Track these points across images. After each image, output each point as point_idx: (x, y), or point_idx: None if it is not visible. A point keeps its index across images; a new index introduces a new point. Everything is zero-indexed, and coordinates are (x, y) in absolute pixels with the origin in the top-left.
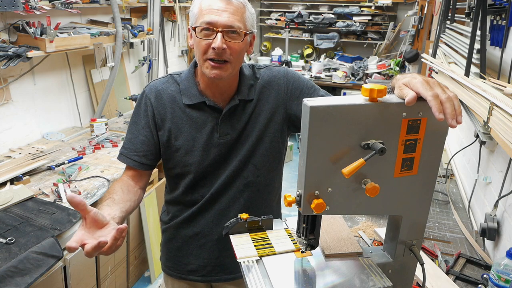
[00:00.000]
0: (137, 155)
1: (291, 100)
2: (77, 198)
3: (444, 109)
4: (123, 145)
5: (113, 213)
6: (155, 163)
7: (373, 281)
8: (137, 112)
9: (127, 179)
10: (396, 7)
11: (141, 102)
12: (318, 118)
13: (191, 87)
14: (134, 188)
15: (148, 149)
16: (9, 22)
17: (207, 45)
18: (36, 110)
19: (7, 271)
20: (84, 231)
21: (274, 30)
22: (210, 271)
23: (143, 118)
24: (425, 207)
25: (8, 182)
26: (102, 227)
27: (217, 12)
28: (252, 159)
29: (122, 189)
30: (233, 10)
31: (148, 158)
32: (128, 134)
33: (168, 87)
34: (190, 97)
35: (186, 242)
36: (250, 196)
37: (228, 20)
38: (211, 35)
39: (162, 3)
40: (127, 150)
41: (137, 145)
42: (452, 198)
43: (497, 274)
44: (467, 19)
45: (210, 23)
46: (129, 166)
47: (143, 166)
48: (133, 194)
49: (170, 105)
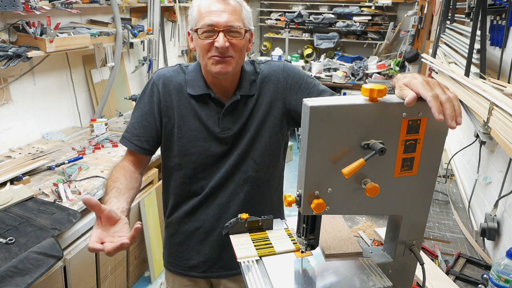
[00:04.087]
0: (139, 140)
1: (290, 94)
2: (93, 200)
3: (443, 109)
4: (126, 129)
5: (121, 206)
6: (154, 149)
7: (373, 281)
8: (142, 98)
9: (128, 165)
10: (396, 7)
11: (147, 88)
12: (318, 118)
13: (198, 78)
14: (135, 174)
15: (150, 134)
16: (9, 22)
17: (210, 44)
18: (36, 110)
19: (7, 271)
20: (100, 229)
21: (274, 30)
22: (210, 267)
23: (148, 104)
24: (425, 207)
25: (8, 182)
26: (115, 223)
27: (217, 13)
28: (251, 153)
29: (125, 176)
30: (231, 10)
31: (149, 143)
32: (132, 119)
33: (176, 75)
34: (195, 88)
35: (188, 237)
36: (250, 191)
37: (228, 20)
38: (212, 35)
39: (162, 3)
40: (129, 134)
41: (140, 130)
42: (452, 198)
43: (497, 274)
44: (467, 19)
45: (211, 25)
46: (130, 150)
47: (144, 151)
48: (134, 181)
49: (177, 94)
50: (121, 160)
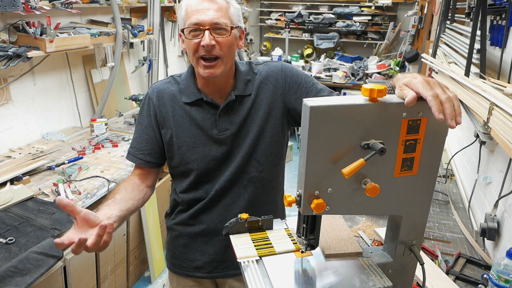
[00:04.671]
0: (142, 153)
1: (289, 94)
2: (64, 200)
3: (443, 109)
4: (131, 144)
5: (110, 213)
6: (161, 161)
7: (373, 281)
8: (141, 113)
9: (134, 178)
10: (396, 7)
11: (144, 103)
12: (318, 118)
13: (190, 86)
14: (140, 186)
15: (152, 147)
16: (9, 22)
17: (197, 44)
18: (36, 110)
19: (7, 271)
20: (75, 230)
21: (274, 30)
22: (215, 267)
23: (146, 118)
24: (425, 207)
25: (8, 182)
26: (94, 227)
27: (202, 11)
28: (254, 154)
29: (126, 188)
30: (217, 8)
31: (153, 156)
32: (134, 134)
33: (169, 87)
34: (188, 95)
35: (192, 239)
36: (255, 191)
37: (214, 17)
38: (199, 34)
39: (162, 3)
40: (133, 149)
41: (142, 144)
42: (452, 198)
43: (497, 274)
44: (467, 19)
45: (197, 23)
46: (136, 164)
47: (149, 164)
48: (137, 192)
49: (171, 104)
50: (130, 175)
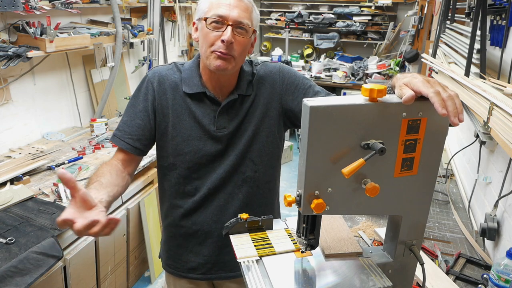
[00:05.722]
0: (131, 138)
1: (286, 95)
2: (68, 174)
3: (446, 106)
4: (118, 127)
5: (100, 197)
6: (147, 148)
7: (373, 281)
8: (137, 96)
9: (117, 163)
10: (396, 7)
11: (142, 85)
12: (318, 118)
13: (194, 76)
14: (122, 173)
15: (143, 133)
16: (9, 22)
17: (216, 38)
18: (36, 110)
19: (7, 271)
20: (74, 209)
21: (274, 30)
22: (210, 268)
23: (142, 102)
24: (425, 207)
25: (8, 182)
26: (90, 209)
27: (229, 6)
28: (249, 154)
29: (110, 172)
30: (243, 8)
31: (141, 142)
32: (124, 117)
33: (172, 74)
34: (190, 86)
35: (186, 239)
36: (249, 192)
37: (239, 15)
38: (220, 27)
39: (162, 3)
40: (121, 133)
41: (132, 128)
42: (452, 198)
43: (497, 274)
44: (467, 19)
45: (222, 16)
46: (121, 149)
47: (136, 151)
48: (121, 179)
49: (172, 92)
50: (110, 159)
